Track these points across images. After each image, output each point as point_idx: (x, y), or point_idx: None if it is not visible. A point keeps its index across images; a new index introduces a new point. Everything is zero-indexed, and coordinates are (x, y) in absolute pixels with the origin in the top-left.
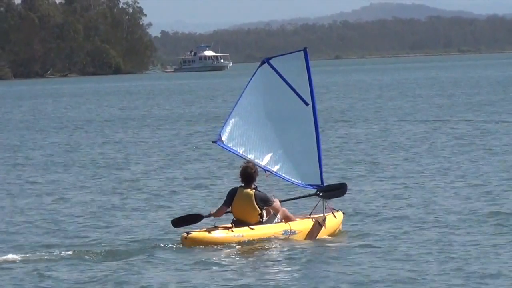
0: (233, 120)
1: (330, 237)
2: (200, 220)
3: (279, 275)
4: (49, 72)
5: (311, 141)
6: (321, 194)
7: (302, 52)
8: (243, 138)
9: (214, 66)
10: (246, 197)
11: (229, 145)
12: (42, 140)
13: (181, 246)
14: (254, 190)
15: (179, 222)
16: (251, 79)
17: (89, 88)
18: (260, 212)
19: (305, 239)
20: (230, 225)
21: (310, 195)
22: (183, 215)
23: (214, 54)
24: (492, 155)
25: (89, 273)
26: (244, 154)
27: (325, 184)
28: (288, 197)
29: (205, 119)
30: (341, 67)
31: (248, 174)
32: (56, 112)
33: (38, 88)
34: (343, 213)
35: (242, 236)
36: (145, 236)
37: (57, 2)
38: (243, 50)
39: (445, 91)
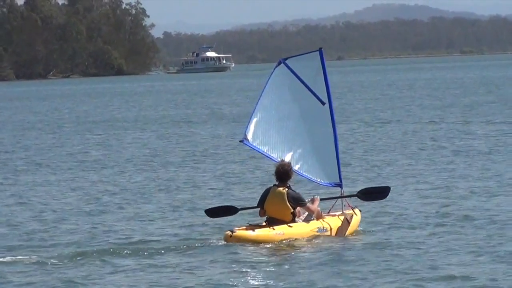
0: (255, 119)
1: (355, 235)
2: (234, 213)
3: (316, 274)
4: (51, 73)
5: (328, 140)
6: (361, 196)
7: (318, 52)
8: (265, 137)
9: (216, 67)
10: (278, 195)
11: (254, 144)
12: (28, 140)
13: (225, 243)
14: (287, 189)
15: (214, 212)
16: (268, 79)
17: (84, 89)
18: (292, 210)
19: (335, 235)
20: (264, 224)
21: (350, 196)
22: (218, 205)
23: (216, 55)
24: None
25: (128, 273)
26: (268, 152)
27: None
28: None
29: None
30: (342, 68)
31: (284, 172)
32: (47, 113)
33: (34, 90)
34: (360, 210)
35: (283, 233)
36: (186, 234)
37: (60, 3)
38: (245, 51)
39: (438, 92)
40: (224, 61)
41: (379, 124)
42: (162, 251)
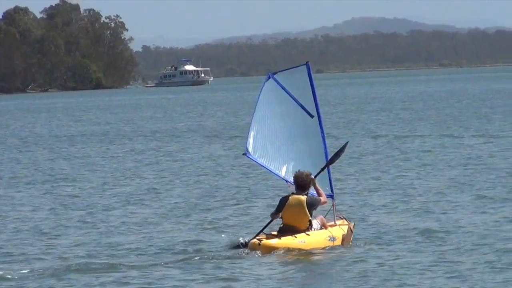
0: (252, 133)
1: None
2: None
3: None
4: (30, 87)
5: (319, 152)
6: (332, 162)
7: (305, 66)
8: (263, 150)
9: (195, 80)
10: (297, 202)
11: (255, 156)
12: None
13: (254, 252)
14: (305, 196)
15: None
16: (259, 94)
17: (61, 103)
18: (310, 218)
19: (341, 244)
20: (275, 233)
21: (324, 168)
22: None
23: (195, 68)
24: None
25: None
26: (267, 165)
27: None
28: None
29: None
30: (321, 81)
31: (304, 181)
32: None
33: (12, 104)
34: (349, 221)
35: (304, 242)
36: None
37: (38, 17)
38: (224, 65)
39: (414, 105)
40: (203, 75)
41: (351, 138)
42: (150, 266)
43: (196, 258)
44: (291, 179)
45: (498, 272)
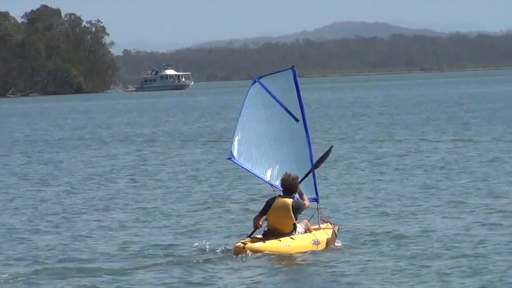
0: (237, 137)
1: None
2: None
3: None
4: (10, 91)
5: (304, 156)
6: (317, 166)
7: (291, 70)
8: (248, 154)
9: (175, 85)
10: (283, 206)
11: (240, 161)
12: None
13: (235, 255)
14: (292, 200)
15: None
16: (245, 98)
17: (40, 108)
18: (294, 222)
19: (326, 247)
20: (260, 236)
21: (310, 172)
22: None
23: (175, 73)
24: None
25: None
26: (252, 169)
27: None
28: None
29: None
30: (302, 86)
31: (290, 184)
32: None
33: None
34: (333, 224)
35: (289, 245)
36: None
37: (19, 22)
38: (205, 69)
39: (391, 109)
40: (183, 79)
41: (328, 142)
42: (145, 268)
43: (171, 262)
44: (276, 183)
45: (468, 277)
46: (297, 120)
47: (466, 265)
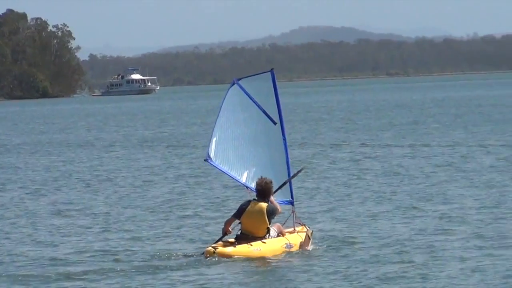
0: (214, 139)
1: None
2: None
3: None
4: None
5: (280, 158)
6: (289, 181)
7: (270, 73)
8: (225, 156)
9: (141, 89)
10: (258, 210)
11: (217, 163)
12: None
13: (207, 258)
14: (267, 204)
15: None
16: (223, 100)
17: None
18: (268, 226)
19: (299, 250)
20: (233, 240)
21: (284, 184)
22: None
23: (141, 77)
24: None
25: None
26: (228, 171)
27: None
28: None
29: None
30: None
31: (265, 190)
32: None
33: None
34: (309, 227)
35: (260, 250)
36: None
37: None
38: (171, 74)
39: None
40: (149, 84)
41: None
42: (129, 270)
43: (132, 268)
44: (252, 186)
45: (418, 282)
46: (274, 123)
47: (414, 271)
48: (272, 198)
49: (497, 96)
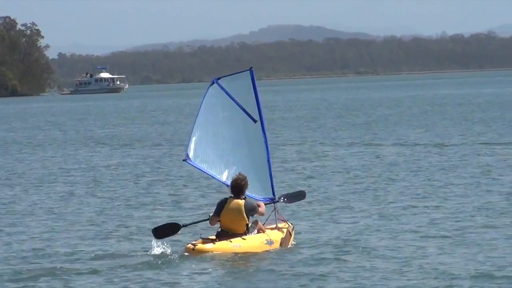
0: (194, 138)
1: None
2: (179, 230)
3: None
4: None
5: (261, 156)
6: (285, 199)
7: (249, 72)
8: (204, 155)
9: (110, 88)
10: (236, 207)
11: (196, 162)
12: None
13: (186, 254)
14: (244, 200)
15: (160, 232)
16: (203, 99)
17: None
18: (247, 222)
19: (280, 247)
20: (213, 237)
21: (278, 201)
22: (163, 224)
23: (110, 76)
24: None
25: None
26: (208, 170)
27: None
28: None
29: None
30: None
31: (238, 185)
32: None
33: None
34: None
35: (239, 246)
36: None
37: None
38: (140, 72)
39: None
40: (118, 82)
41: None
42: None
43: (108, 267)
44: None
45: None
46: (254, 121)
47: (385, 269)
48: (260, 209)
49: (463, 95)
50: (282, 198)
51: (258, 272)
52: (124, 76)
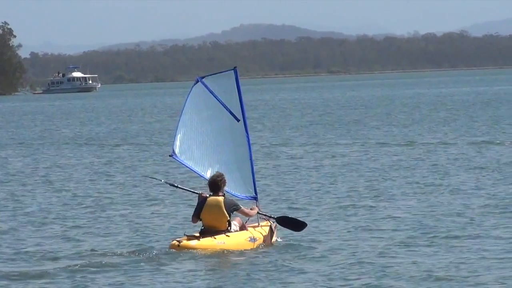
0: (179, 135)
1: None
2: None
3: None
4: None
5: (244, 155)
6: (280, 221)
7: (233, 71)
8: (189, 153)
9: (82, 87)
10: (215, 203)
11: (182, 158)
12: None
13: (173, 251)
14: (222, 197)
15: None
16: (187, 97)
17: None
18: (228, 219)
19: (263, 243)
20: (197, 234)
21: (270, 217)
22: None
23: (82, 75)
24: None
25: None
26: (193, 167)
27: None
28: None
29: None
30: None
31: (214, 181)
32: None
33: None
34: (274, 219)
35: (224, 243)
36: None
37: None
38: (112, 71)
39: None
40: (90, 81)
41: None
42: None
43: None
44: None
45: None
46: (238, 120)
47: (348, 269)
48: (244, 209)
49: (432, 94)
50: (273, 220)
51: (242, 269)
52: (96, 75)
